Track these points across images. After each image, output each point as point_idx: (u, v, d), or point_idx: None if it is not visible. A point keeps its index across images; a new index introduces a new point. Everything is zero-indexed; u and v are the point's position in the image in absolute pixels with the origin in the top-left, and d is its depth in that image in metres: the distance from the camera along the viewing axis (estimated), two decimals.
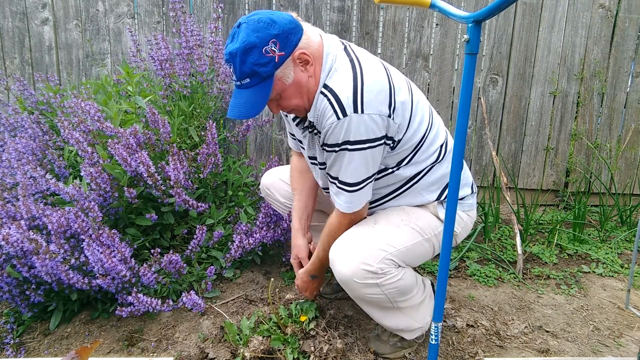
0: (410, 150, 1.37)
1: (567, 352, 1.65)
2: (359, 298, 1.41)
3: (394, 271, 1.34)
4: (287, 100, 1.30)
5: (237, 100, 1.27)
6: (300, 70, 1.26)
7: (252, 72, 1.20)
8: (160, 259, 1.76)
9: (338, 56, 1.29)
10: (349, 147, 1.25)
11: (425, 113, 1.40)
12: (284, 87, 1.26)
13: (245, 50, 1.18)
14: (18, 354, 1.61)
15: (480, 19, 1.00)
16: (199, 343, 1.63)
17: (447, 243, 1.16)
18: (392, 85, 1.27)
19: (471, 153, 2.92)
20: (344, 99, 1.21)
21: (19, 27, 2.71)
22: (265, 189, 1.86)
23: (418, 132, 1.36)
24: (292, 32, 1.22)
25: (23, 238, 1.53)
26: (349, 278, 1.32)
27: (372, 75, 1.25)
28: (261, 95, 1.24)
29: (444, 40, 2.75)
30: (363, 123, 1.21)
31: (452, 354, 1.62)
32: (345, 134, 1.23)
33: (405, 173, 1.41)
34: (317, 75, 1.29)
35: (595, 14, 2.73)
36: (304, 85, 1.27)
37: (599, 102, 2.86)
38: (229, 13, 2.68)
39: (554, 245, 2.44)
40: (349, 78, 1.24)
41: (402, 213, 1.45)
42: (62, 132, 1.79)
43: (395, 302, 1.41)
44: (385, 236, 1.36)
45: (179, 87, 2.22)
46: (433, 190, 1.46)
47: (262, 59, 1.19)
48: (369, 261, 1.30)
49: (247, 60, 1.19)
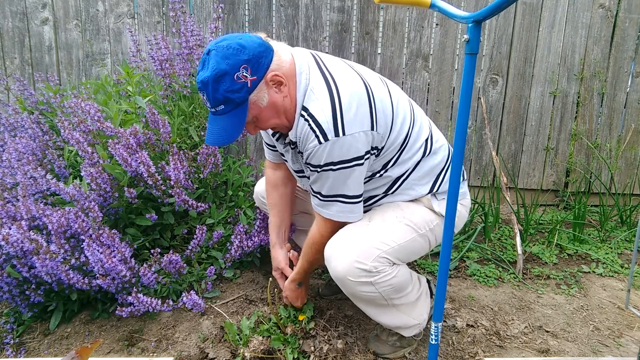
0: (395, 151, 1.37)
1: (567, 352, 1.65)
2: (354, 295, 1.41)
3: (388, 269, 1.35)
4: (264, 122, 1.31)
5: (213, 127, 1.26)
6: (274, 92, 1.25)
7: (226, 99, 1.19)
8: (160, 259, 1.76)
9: (311, 74, 1.28)
10: (333, 167, 1.26)
11: (407, 110, 1.39)
12: (260, 110, 1.26)
13: (216, 78, 1.17)
14: (18, 354, 1.61)
15: (480, 19, 1.00)
16: (199, 343, 1.63)
17: (447, 243, 1.16)
18: (371, 93, 1.27)
19: (471, 153, 2.92)
20: (324, 124, 1.21)
21: (19, 27, 2.71)
22: (260, 198, 1.86)
23: (401, 132, 1.36)
24: (263, 55, 1.21)
25: (23, 238, 1.53)
26: (343, 276, 1.33)
27: (348, 90, 1.24)
28: (237, 120, 1.24)
29: (444, 40, 2.75)
30: (346, 144, 1.22)
31: (452, 354, 1.62)
32: (327, 156, 1.24)
33: (393, 174, 1.42)
34: (293, 95, 1.28)
35: (595, 14, 2.73)
36: (280, 105, 1.27)
37: (599, 102, 2.86)
38: (229, 13, 2.69)
39: (554, 245, 2.44)
40: (325, 99, 1.23)
41: (396, 209, 1.45)
42: (62, 132, 1.79)
43: (390, 300, 1.41)
44: (380, 234, 1.36)
45: (179, 87, 2.22)
46: (424, 184, 1.45)
47: (234, 85, 1.18)
48: (363, 259, 1.31)
49: (219, 88, 1.18)
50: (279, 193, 1.68)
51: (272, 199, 1.70)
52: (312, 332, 1.59)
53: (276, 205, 1.69)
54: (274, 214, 1.70)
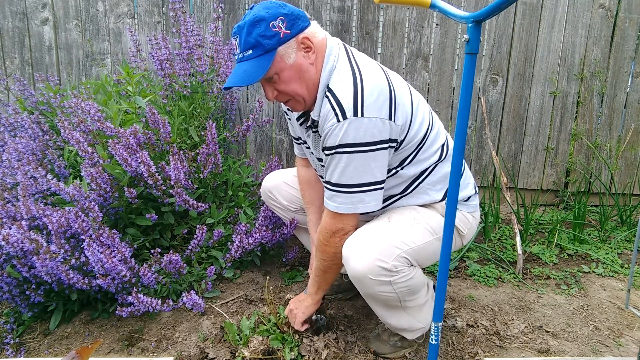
0: (413, 149, 1.38)
1: (567, 352, 1.65)
2: (370, 295, 1.40)
3: (407, 270, 1.34)
4: (285, 84, 1.31)
5: (236, 71, 1.30)
6: (302, 55, 1.29)
7: (256, 43, 1.24)
8: (160, 259, 1.76)
9: (340, 58, 1.33)
10: (347, 149, 1.25)
11: (426, 114, 1.42)
12: (284, 67, 1.29)
13: (253, 22, 1.24)
14: (18, 354, 1.61)
15: (480, 19, 1.00)
16: (199, 343, 1.63)
17: (447, 243, 1.16)
18: (392, 88, 1.28)
19: (471, 153, 2.92)
20: (344, 103, 1.24)
21: (19, 27, 2.71)
22: (267, 192, 1.85)
23: (420, 132, 1.37)
24: (300, 18, 1.29)
25: (23, 238, 1.53)
26: (364, 274, 1.31)
27: (371, 80, 1.27)
28: (260, 66, 1.26)
29: (444, 40, 2.75)
30: (363, 126, 1.23)
31: (452, 354, 1.62)
32: (343, 136, 1.24)
33: (409, 172, 1.42)
34: (319, 68, 1.32)
35: (595, 14, 2.73)
36: (304, 70, 1.30)
37: (599, 102, 2.86)
38: (229, 13, 2.68)
39: (554, 245, 2.44)
40: (349, 82, 1.26)
41: (413, 212, 1.45)
42: (62, 132, 1.79)
43: (404, 302, 1.41)
44: (400, 233, 1.36)
45: (179, 87, 2.22)
46: (439, 190, 1.47)
47: (268, 31, 1.24)
48: (384, 257, 1.30)
49: (253, 31, 1.24)
50: (315, 190, 1.68)
51: (308, 196, 1.70)
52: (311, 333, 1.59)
53: (314, 202, 1.69)
54: (312, 211, 1.69)
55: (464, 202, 1.50)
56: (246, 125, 2.36)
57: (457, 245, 1.54)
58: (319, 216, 1.65)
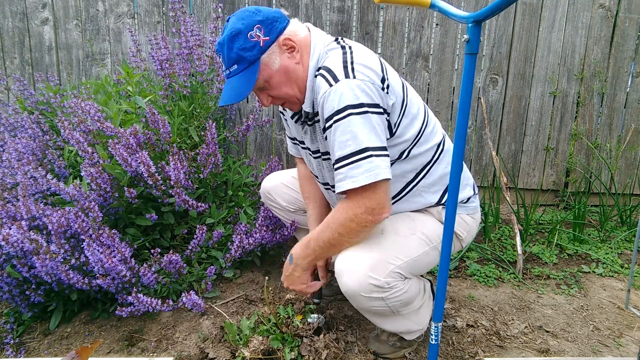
0: (408, 144, 1.36)
1: (567, 352, 1.65)
2: (363, 309, 1.40)
3: (400, 285, 1.33)
4: (276, 89, 1.32)
5: (226, 88, 1.31)
6: (287, 57, 1.29)
7: (239, 58, 1.25)
8: (160, 259, 1.76)
9: (329, 46, 1.33)
10: (345, 112, 1.18)
11: (420, 109, 1.40)
12: (271, 73, 1.29)
13: (231, 37, 1.24)
14: (18, 354, 1.61)
15: (480, 19, 1.00)
16: (199, 343, 1.63)
17: (447, 243, 1.16)
18: (383, 66, 1.29)
19: (471, 153, 2.91)
20: (335, 69, 1.23)
21: (19, 27, 2.71)
22: (266, 193, 1.85)
23: (413, 126, 1.35)
24: (277, 20, 1.28)
25: (23, 238, 1.53)
26: (355, 292, 1.30)
27: (362, 56, 1.26)
28: (247, 80, 1.27)
29: (444, 40, 2.75)
30: (356, 86, 1.19)
31: (452, 354, 1.62)
32: (340, 100, 1.18)
33: (406, 168, 1.40)
34: (306, 64, 1.31)
35: (595, 14, 2.73)
36: (292, 71, 1.30)
37: (599, 102, 2.86)
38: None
39: (554, 245, 2.44)
40: (339, 55, 1.27)
41: (407, 220, 1.43)
42: (62, 132, 1.79)
43: (397, 312, 1.41)
44: (393, 247, 1.34)
45: (179, 87, 2.22)
46: (434, 192, 1.45)
47: (247, 43, 1.24)
48: (376, 275, 1.28)
49: (233, 46, 1.24)
50: (315, 185, 1.67)
51: (308, 191, 1.68)
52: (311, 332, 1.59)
53: (314, 197, 1.67)
54: (313, 207, 1.67)
55: (463, 204, 1.49)
56: (246, 125, 2.36)
57: (456, 248, 1.53)
58: (318, 211, 1.65)
